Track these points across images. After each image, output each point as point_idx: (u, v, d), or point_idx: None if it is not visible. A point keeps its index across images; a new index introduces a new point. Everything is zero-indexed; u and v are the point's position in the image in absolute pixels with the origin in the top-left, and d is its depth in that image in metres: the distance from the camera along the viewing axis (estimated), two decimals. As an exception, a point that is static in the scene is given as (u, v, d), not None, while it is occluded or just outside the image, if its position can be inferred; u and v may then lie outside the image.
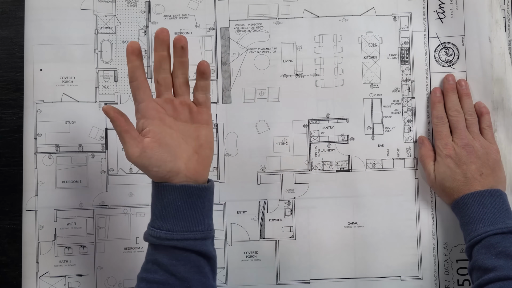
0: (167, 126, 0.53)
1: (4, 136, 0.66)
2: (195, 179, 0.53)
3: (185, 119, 0.54)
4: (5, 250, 0.65)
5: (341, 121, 0.66)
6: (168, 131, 0.53)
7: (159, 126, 0.52)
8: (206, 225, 0.53)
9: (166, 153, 0.52)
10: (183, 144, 0.53)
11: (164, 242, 0.50)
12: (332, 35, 0.66)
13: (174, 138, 0.53)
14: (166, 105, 0.54)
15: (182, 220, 0.51)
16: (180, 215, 0.51)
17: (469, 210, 0.57)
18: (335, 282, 0.65)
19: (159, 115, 0.53)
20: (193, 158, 0.53)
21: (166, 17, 0.67)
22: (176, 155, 0.52)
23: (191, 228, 0.51)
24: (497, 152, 0.61)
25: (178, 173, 0.52)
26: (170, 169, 0.51)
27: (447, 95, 0.64)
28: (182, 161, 0.52)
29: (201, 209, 0.52)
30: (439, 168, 0.62)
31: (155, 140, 0.51)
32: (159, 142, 0.51)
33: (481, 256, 0.54)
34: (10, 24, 0.67)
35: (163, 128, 0.52)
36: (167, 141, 0.52)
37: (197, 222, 0.52)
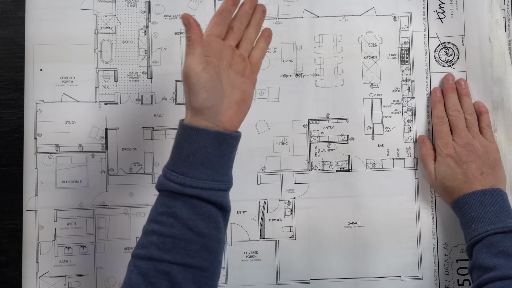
0: (222, 67, 0.52)
1: (4, 136, 0.66)
2: (226, 128, 0.50)
3: (237, 71, 0.53)
4: (5, 250, 0.65)
5: (341, 121, 0.66)
6: (222, 72, 0.51)
7: (217, 62, 0.51)
8: (229, 176, 0.51)
9: (219, 88, 0.50)
10: (229, 91, 0.52)
11: (187, 190, 0.48)
12: (332, 35, 0.66)
13: (224, 81, 0.51)
14: (227, 50, 0.53)
15: (209, 169, 0.49)
16: (207, 163, 0.48)
17: (470, 209, 0.57)
18: (335, 282, 0.65)
19: (219, 53, 0.52)
20: (233, 107, 0.51)
21: (166, 17, 0.67)
22: (223, 95, 0.51)
23: (216, 177, 0.49)
24: (497, 151, 0.62)
25: (217, 114, 0.50)
26: (215, 104, 0.49)
27: (446, 95, 0.64)
28: (225, 105, 0.51)
29: (228, 159, 0.51)
30: (439, 168, 0.62)
31: (214, 68, 0.50)
32: (216, 74, 0.50)
33: (482, 255, 0.54)
34: (10, 24, 0.67)
35: (219, 66, 0.51)
36: (220, 78, 0.51)
37: (223, 172, 0.50)
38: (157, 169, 0.65)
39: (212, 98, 0.49)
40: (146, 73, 0.66)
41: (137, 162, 0.66)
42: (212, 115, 0.49)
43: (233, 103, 0.52)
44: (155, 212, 0.49)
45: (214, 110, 0.49)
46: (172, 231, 0.47)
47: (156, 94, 0.66)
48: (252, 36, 0.56)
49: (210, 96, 0.49)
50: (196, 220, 0.48)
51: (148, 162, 0.65)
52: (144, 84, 0.66)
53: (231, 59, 0.53)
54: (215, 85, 0.49)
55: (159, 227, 0.48)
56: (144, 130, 0.66)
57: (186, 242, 0.47)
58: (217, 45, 0.52)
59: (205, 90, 0.48)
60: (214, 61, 0.50)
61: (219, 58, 0.52)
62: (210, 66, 0.49)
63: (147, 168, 0.65)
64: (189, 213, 0.48)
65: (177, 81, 0.66)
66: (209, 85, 0.48)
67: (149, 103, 0.66)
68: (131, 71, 0.66)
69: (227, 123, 0.50)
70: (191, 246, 0.47)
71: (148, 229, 0.49)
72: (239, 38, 0.55)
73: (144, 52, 0.66)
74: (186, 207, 0.48)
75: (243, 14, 0.55)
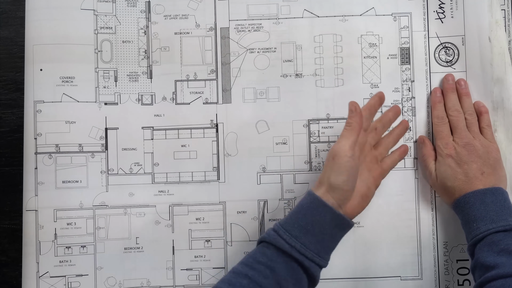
0: (360, 159, 0.58)
1: (4, 136, 0.66)
2: (347, 213, 0.55)
3: (369, 169, 0.59)
4: (5, 250, 0.65)
5: (341, 121, 0.66)
6: (359, 163, 0.57)
7: (359, 153, 0.57)
8: (329, 256, 0.54)
9: (356, 176, 0.55)
10: (359, 182, 0.56)
11: (294, 253, 0.51)
12: (332, 35, 0.66)
13: (359, 172, 0.56)
14: (367, 146, 0.59)
15: (319, 243, 0.52)
16: (320, 237, 0.52)
17: (471, 208, 0.57)
18: (335, 282, 0.65)
19: (362, 146, 0.58)
20: (357, 198, 0.56)
21: (166, 17, 0.67)
22: (355, 185, 0.55)
23: (321, 253, 0.52)
24: (497, 151, 0.61)
25: (346, 198, 0.54)
26: (349, 188, 0.53)
27: (446, 95, 0.64)
28: (353, 193, 0.55)
29: (336, 241, 0.55)
30: (440, 168, 0.62)
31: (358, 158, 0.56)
32: (357, 164, 0.55)
33: (483, 254, 0.54)
34: (10, 24, 0.67)
35: (359, 157, 0.57)
36: (358, 168, 0.55)
37: (327, 251, 0.53)
38: (157, 169, 0.65)
39: (350, 183, 0.53)
40: (146, 73, 0.66)
41: (137, 162, 0.66)
42: (342, 198, 0.53)
43: (359, 194, 0.56)
44: (253, 259, 0.51)
45: (346, 194, 0.53)
46: (264, 282, 0.50)
47: (156, 94, 0.66)
48: (389, 145, 0.62)
49: (349, 181, 0.53)
50: (289, 281, 0.51)
51: (148, 162, 0.65)
52: (144, 84, 0.66)
53: (367, 155, 0.59)
54: (354, 172, 0.54)
55: (254, 273, 0.50)
56: (144, 130, 0.66)
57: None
58: (363, 138, 0.58)
59: (348, 174, 0.53)
60: (358, 152, 0.56)
61: (361, 151, 0.57)
62: (356, 155, 0.54)
63: (147, 168, 0.65)
64: (286, 273, 0.51)
65: (177, 81, 0.66)
66: (352, 171, 0.53)
67: (149, 103, 0.66)
68: (131, 71, 0.66)
69: (349, 210, 0.55)
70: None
71: (241, 272, 0.51)
72: (377, 140, 0.61)
73: (144, 52, 0.66)
74: (286, 266, 0.51)
75: (386, 119, 0.62)
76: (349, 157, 0.52)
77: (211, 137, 0.66)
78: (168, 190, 0.65)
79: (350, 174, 0.53)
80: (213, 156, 0.66)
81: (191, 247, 0.65)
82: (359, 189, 0.56)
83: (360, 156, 0.57)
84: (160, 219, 0.65)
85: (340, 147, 0.53)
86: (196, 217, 0.65)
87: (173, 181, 0.66)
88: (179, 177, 0.66)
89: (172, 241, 0.65)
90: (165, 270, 0.65)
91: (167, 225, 0.65)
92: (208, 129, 0.66)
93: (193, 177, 0.66)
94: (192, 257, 0.65)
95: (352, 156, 0.52)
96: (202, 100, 0.66)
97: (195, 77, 0.66)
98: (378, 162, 0.60)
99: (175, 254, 0.65)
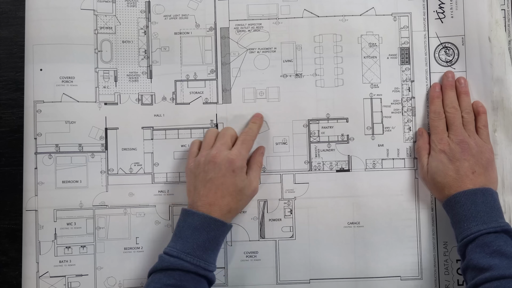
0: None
1: (4, 136, 0.66)
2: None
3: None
4: (5, 250, 0.65)
5: (341, 121, 0.66)
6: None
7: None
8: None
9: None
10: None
11: (200, 270, 0.56)
12: (332, 35, 0.66)
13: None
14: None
15: (214, 253, 0.59)
16: (215, 249, 0.59)
17: (462, 208, 0.57)
18: (335, 282, 0.65)
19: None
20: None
21: (166, 17, 0.67)
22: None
23: (215, 261, 0.59)
24: (491, 152, 0.62)
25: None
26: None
27: (445, 92, 0.64)
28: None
29: (221, 244, 0.60)
30: (432, 162, 0.62)
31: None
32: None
33: (476, 255, 0.54)
34: (10, 24, 0.67)
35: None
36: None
37: (217, 254, 0.59)
38: (156, 169, 0.65)
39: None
40: (146, 73, 0.66)
41: (137, 162, 0.66)
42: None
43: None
44: (161, 284, 0.54)
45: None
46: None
47: (156, 94, 0.66)
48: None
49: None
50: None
51: (148, 162, 0.65)
52: (144, 84, 0.66)
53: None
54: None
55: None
56: (144, 130, 0.66)
57: None
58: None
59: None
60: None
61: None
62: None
63: (147, 168, 0.65)
64: (195, 286, 0.55)
65: (177, 81, 0.66)
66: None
67: (149, 103, 0.66)
68: (131, 71, 0.66)
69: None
70: None
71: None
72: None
73: (144, 52, 0.66)
74: (194, 282, 0.55)
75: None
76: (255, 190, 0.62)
77: (211, 137, 0.66)
78: (168, 190, 0.65)
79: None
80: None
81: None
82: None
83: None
84: (160, 219, 0.65)
85: (253, 183, 0.62)
86: (196, 217, 0.65)
87: (173, 181, 0.66)
88: (179, 177, 0.66)
89: (172, 241, 0.65)
90: (165, 270, 0.65)
91: (167, 225, 0.65)
92: (208, 129, 0.66)
93: (193, 177, 0.65)
94: (192, 257, 0.65)
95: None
96: (202, 100, 0.66)
97: (195, 77, 0.66)
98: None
99: (175, 254, 0.65)
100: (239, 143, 0.62)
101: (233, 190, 0.59)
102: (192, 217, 0.57)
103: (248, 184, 0.61)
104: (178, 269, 0.55)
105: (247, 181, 0.60)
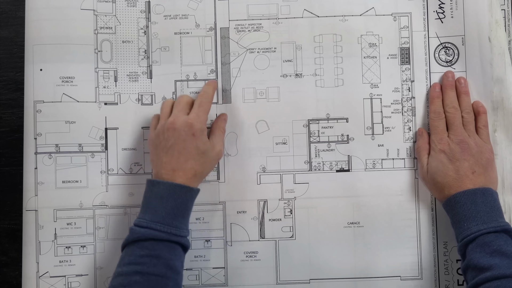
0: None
1: (4, 136, 0.66)
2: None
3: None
4: (5, 250, 0.65)
5: (341, 121, 0.66)
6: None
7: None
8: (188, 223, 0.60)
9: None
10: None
11: (172, 237, 0.56)
12: (332, 35, 0.66)
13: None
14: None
15: (185, 219, 0.58)
16: (185, 214, 0.58)
17: (462, 208, 0.57)
18: (335, 282, 0.65)
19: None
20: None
21: (166, 17, 0.67)
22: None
23: (187, 225, 0.59)
24: (491, 152, 0.62)
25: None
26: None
27: (445, 92, 0.64)
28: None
29: (191, 207, 0.60)
30: (432, 162, 0.62)
31: None
32: None
33: (476, 255, 0.54)
34: (10, 24, 0.67)
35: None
36: None
37: (188, 219, 0.59)
38: (157, 169, 0.65)
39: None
40: (146, 73, 0.66)
41: (137, 162, 0.66)
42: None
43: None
44: (134, 257, 0.54)
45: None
46: (155, 270, 0.54)
47: (156, 94, 0.66)
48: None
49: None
50: (173, 259, 0.55)
51: (148, 162, 0.65)
52: (144, 84, 0.66)
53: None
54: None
55: (142, 267, 0.53)
56: (144, 130, 0.66)
57: (166, 279, 0.54)
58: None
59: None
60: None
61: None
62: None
63: (147, 168, 0.65)
64: (169, 254, 0.55)
65: (177, 81, 0.66)
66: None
67: (149, 103, 0.66)
68: (131, 71, 0.66)
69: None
70: (170, 283, 0.54)
71: (129, 271, 0.54)
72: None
73: (144, 52, 0.66)
74: (168, 249, 0.55)
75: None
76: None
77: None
78: (168, 190, 0.65)
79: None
80: (213, 156, 0.66)
81: (191, 247, 0.65)
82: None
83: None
84: (160, 219, 0.65)
85: (217, 146, 0.62)
86: (196, 217, 0.65)
87: (173, 181, 0.65)
88: (179, 177, 0.66)
89: (172, 241, 0.65)
90: (165, 270, 0.65)
91: (167, 225, 0.65)
92: (208, 129, 0.66)
93: (193, 177, 0.65)
94: (192, 257, 0.65)
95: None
96: (202, 100, 0.66)
97: (195, 77, 0.66)
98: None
99: (175, 254, 0.65)
100: (196, 107, 0.61)
101: (196, 153, 0.58)
102: (157, 186, 0.57)
103: (211, 147, 0.60)
104: (150, 239, 0.55)
105: (209, 144, 0.60)
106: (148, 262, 0.54)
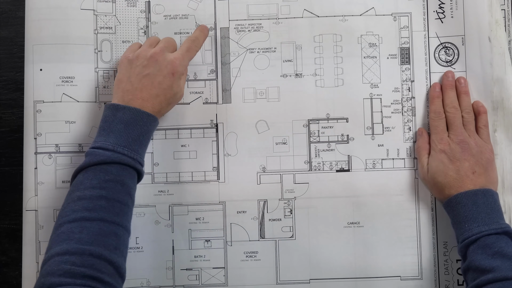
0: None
1: (4, 136, 0.66)
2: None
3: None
4: (5, 250, 0.65)
5: (341, 121, 0.66)
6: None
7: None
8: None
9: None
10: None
11: (137, 165, 0.56)
12: (332, 35, 0.66)
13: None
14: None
15: (145, 147, 0.58)
16: (146, 142, 0.58)
17: (463, 209, 0.57)
18: (335, 282, 0.65)
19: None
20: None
21: (166, 17, 0.67)
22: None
23: (143, 155, 0.58)
24: (491, 152, 0.62)
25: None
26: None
27: (445, 92, 0.64)
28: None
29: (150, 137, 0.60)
30: (432, 162, 0.62)
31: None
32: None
33: (477, 256, 0.54)
34: (10, 24, 0.67)
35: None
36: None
37: (145, 152, 0.59)
38: (157, 169, 0.65)
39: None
40: (146, 73, 0.66)
41: (137, 162, 0.66)
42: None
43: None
44: (98, 180, 0.53)
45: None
46: (119, 196, 0.53)
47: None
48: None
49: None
50: (132, 187, 0.56)
51: (148, 162, 0.65)
52: (144, 84, 0.66)
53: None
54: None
55: (107, 192, 0.53)
56: (144, 130, 0.66)
57: (127, 208, 0.54)
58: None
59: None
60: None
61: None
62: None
63: (147, 168, 0.65)
64: (131, 181, 0.55)
65: (177, 81, 0.66)
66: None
67: (149, 103, 0.66)
68: (131, 71, 0.66)
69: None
70: (129, 212, 0.55)
71: (93, 195, 0.52)
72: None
73: (144, 52, 0.66)
74: (130, 176, 0.55)
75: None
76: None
77: (211, 137, 0.66)
78: (168, 190, 0.65)
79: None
80: (213, 156, 0.66)
81: (191, 247, 0.65)
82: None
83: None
84: (160, 219, 0.65)
85: (182, 91, 0.62)
86: (196, 217, 0.65)
87: (173, 181, 0.65)
88: (179, 177, 0.66)
89: (172, 241, 0.65)
90: (165, 270, 0.65)
91: (167, 225, 0.65)
92: (208, 129, 0.66)
93: (193, 177, 0.66)
94: (192, 257, 0.65)
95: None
96: (202, 100, 0.66)
97: (195, 77, 0.66)
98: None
99: (175, 254, 0.65)
100: (184, 50, 0.61)
101: (168, 92, 0.59)
102: (123, 111, 0.56)
103: (180, 92, 0.61)
104: (116, 163, 0.54)
105: (180, 90, 0.61)
106: (113, 187, 0.53)
